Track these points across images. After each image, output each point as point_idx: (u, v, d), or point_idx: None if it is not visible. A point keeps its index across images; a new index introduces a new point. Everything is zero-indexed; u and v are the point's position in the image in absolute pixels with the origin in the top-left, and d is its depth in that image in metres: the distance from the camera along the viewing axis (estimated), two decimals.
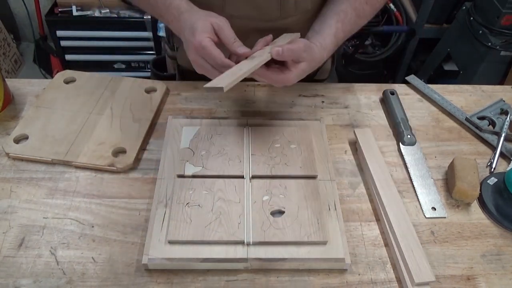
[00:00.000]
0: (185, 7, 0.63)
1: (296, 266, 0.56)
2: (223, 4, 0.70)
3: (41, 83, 0.82)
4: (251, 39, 0.76)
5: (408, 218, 0.60)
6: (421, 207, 0.65)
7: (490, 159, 0.73)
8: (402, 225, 0.59)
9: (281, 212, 0.60)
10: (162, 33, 0.86)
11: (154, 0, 0.65)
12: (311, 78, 0.95)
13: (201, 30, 0.58)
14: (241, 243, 0.56)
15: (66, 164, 0.67)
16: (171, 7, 0.64)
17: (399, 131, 0.75)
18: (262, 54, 0.60)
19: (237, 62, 0.60)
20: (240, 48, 0.60)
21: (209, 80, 0.56)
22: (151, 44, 1.94)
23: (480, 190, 0.65)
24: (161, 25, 0.86)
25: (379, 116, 0.80)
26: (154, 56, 1.92)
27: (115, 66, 2.04)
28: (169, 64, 0.95)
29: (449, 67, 2.01)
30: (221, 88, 0.51)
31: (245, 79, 0.86)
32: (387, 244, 0.60)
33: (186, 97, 0.81)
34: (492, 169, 0.71)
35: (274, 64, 0.62)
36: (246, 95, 0.82)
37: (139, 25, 1.87)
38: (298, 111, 0.80)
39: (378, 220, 0.63)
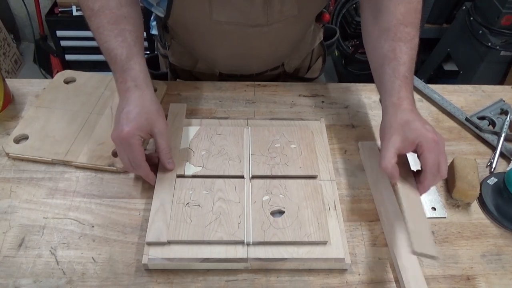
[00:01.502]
0: (141, 83, 0.59)
1: (296, 266, 0.56)
2: (210, 11, 0.70)
3: (41, 83, 0.82)
4: (238, 44, 0.77)
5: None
6: None
7: (490, 159, 0.73)
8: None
9: (281, 212, 0.60)
10: (154, 31, 0.86)
11: (114, 54, 0.60)
12: (302, 77, 0.95)
13: (137, 126, 0.57)
14: (241, 243, 0.56)
15: (66, 164, 0.67)
16: (129, 71, 0.59)
17: None
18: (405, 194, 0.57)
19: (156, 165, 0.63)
20: (169, 163, 0.62)
21: None
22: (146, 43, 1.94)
23: (480, 190, 0.65)
24: (153, 23, 0.86)
25: (379, 116, 0.79)
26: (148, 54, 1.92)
27: None
28: (161, 62, 0.95)
29: (449, 67, 2.01)
30: (434, 257, 0.51)
31: (245, 79, 0.87)
32: (387, 244, 0.60)
33: (186, 97, 0.81)
34: (492, 169, 0.71)
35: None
36: (246, 95, 0.82)
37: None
38: (298, 111, 0.80)
39: (378, 220, 0.63)
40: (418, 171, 0.60)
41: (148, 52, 1.97)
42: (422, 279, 0.54)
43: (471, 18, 1.70)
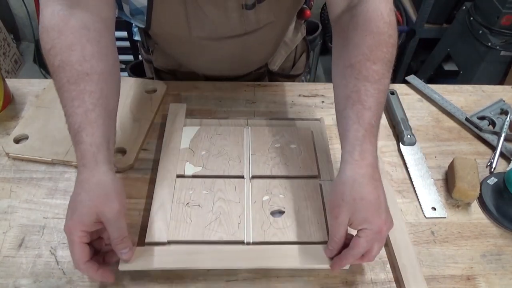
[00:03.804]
0: (88, 161, 0.49)
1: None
2: (188, 28, 0.69)
3: (41, 83, 0.82)
4: (218, 53, 0.77)
5: (402, 218, 0.61)
6: (421, 207, 0.65)
7: (490, 159, 0.73)
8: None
9: (281, 212, 0.60)
10: (137, 37, 0.85)
11: (69, 122, 0.52)
12: (287, 74, 0.95)
13: (78, 218, 0.48)
14: (241, 243, 0.56)
15: (66, 164, 0.67)
16: (79, 145, 0.50)
17: (399, 131, 0.75)
18: None
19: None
20: (124, 254, 0.51)
21: None
22: None
23: (480, 190, 0.65)
24: (135, 29, 0.85)
25: None
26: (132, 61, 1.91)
27: None
28: (146, 67, 0.94)
29: (449, 67, 2.01)
30: None
31: (240, 77, 0.87)
32: (387, 244, 0.60)
33: (186, 97, 0.81)
34: (492, 169, 0.71)
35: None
36: (246, 95, 0.82)
37: (126, 26, 1.87)
38: (298, 111, 0.80)
39: None
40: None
41: (133, 57, 1.98)
42: (422, 279, 0.54)
43: (471, 18, 1.70)
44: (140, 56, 0.95)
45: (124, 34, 1.89)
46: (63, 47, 0.52)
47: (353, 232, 0.51)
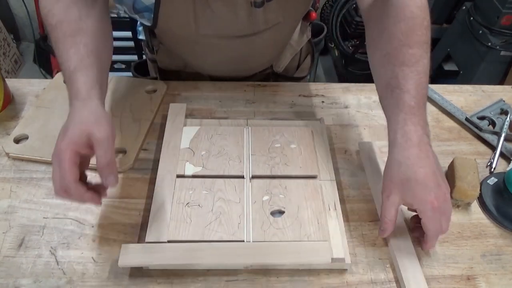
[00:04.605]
0: (82, 95, 0.53)
1: (296, 266, 0.56)
2: (196, 25, 0.69)
3: (41, 83, 0.82)
4: (225, 53, 0.77)
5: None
6: None
7: (490, 159, 0.73)
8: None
9: (281, 212, 0.60)
10: (141, 36, 0.84)
11: (64, 68, 0.56)
12: (291, 76, 0.95)
13: (70, 138, 0.50)
14: (241, 243, 0.56)
15: None
16: (73, 84, 0.54)
17: None
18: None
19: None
20: (108, 179, 0.51)
21: None
22: None
23: (480, 190, 0.65)
24: (140, 28, 0.85)
25: (379, 116, 0.80)
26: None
27: (115, 66, 2.04)
28: (150, 67, 0.94)
29: (449, 67, 2.01)
30: None
31: (245, 79, 0.87)
32: (387, 244, 0.60)
33: (186, 97, 0.81)
34: (492, 169, 0.71)
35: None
36: (246, 95, 0.82)
37: (130, 25, 1.87)
38: (298, 111, 0.80)
39: (378, 220, 0.63)
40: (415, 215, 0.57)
41: (137, 57, 1.98)
42: (422, 279, 0.54)
43: (471, 18, 1.70)
44: (144, 56, 0.95)
45: (128, 34, 1.89)
46: (61, 9, 0.58)
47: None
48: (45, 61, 2.15)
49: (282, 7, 0.70)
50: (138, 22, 0.84)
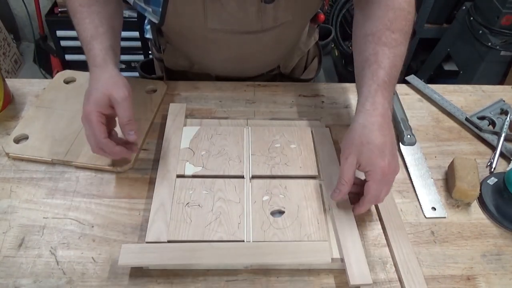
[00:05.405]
0: (99, 62, 0.61)
1: (296, 266, 0.56)
2: (205, 19, 0.70)
3: (41, 83, 0.82)
4: (233, 50, 0.77)
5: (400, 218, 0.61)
6: (421, 207, 0.65)
7: (490, 159, 0.73)
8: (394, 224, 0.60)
9: (281, 212, 0.60)
10: (148, 35, 0.85)
11: (81, 37, 0.63)
12: (298, 77, 0.95)
13: (94, 101, 0.57)
14: (241, 243, 0.56)
15: (66, 164, 0.67)
16: (90, 51, 0.62)
17: (399, 131, 0.75)
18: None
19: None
20: (130, 135, 0.59)
21: None
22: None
23: (480, 190, 0.65)
24: (147, 27, 0.85)
25: None
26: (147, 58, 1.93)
27: None
28: (156, 66, 0.94)
29: (449, 67, 2.01)
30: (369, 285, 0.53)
31: (252, 79, 0.87)
32: (387, 244, 0.60)
33: (186, 97, 0.81)
34: (492, 169, 0.71)
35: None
36: (246, 95, 0.82)
37: (138, 25, 1.87)
38: (298, 111, 0.80)
39: (378, 220, 0.63)
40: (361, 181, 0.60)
41: (143, 56, 1.98)
42: (422, 279, 0.54)
43: (471, 18, 1.70)
44: (150, 55, 0.96)
45: (135, 34, 1.89)
46: None
47: (361, 175, 0.57)
48: (45, 61, 2.15)
49: (292, 5, 0.71)
50: (146, 21, 0.85)
